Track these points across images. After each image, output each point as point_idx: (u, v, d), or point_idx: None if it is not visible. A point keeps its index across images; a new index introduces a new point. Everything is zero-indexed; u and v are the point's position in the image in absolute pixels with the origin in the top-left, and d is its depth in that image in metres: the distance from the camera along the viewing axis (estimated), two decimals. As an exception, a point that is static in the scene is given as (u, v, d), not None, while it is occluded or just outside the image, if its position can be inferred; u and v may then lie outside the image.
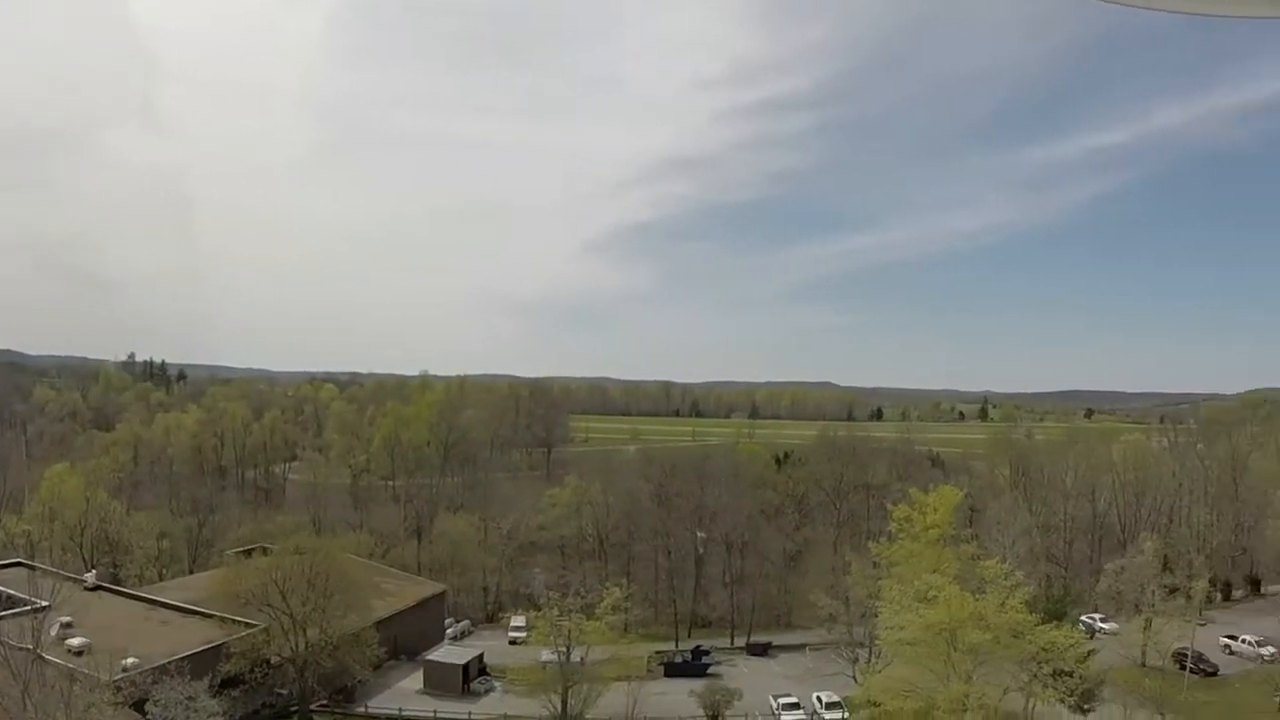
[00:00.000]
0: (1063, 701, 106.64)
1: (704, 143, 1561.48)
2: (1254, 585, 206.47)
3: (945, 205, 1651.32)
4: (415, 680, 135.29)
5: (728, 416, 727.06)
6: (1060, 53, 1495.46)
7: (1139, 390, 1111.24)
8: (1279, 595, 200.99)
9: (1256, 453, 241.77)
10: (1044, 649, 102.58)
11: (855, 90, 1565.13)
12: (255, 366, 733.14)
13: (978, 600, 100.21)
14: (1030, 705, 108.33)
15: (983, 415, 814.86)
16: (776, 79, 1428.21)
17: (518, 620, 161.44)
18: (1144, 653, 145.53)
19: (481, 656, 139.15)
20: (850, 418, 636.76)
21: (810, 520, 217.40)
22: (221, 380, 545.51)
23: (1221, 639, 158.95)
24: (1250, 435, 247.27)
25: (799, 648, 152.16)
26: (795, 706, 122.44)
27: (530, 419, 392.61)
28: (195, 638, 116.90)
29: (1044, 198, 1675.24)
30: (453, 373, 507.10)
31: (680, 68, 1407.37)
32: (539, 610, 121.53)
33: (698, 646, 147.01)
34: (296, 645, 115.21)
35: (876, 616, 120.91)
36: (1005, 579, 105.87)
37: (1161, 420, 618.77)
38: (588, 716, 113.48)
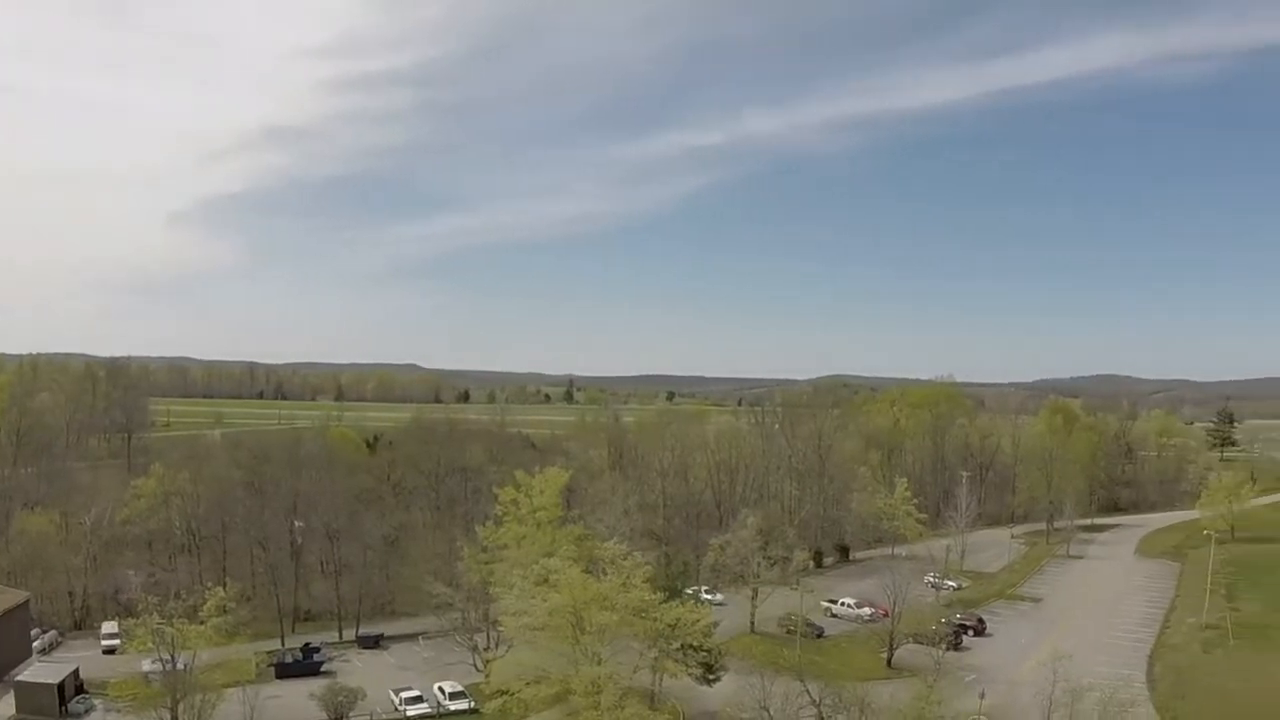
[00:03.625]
0: (690, 674, 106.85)
1: (304, 113, 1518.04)
2: (843, 552, 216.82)
3: (541, 193, 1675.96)
4: (6, 704, 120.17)
5: (314, 399, 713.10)
6: (665, 55, 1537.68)
7: (716, 375, 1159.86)
8: (866, 560, 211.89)
9: (839, 433, 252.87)
10: (670, 626, 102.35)
11: (463, 73, 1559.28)
12: None
13: (600, 581, 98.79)
14: (658, 680, 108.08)
15: (568, 398, 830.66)
16: (386, 53, 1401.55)
17: (110, 627, 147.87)
18: (753, 621, 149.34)
19: (77, 672, 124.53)
20: (438, 400, 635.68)
21: (408, 504, 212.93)
22: None
23: (822, 603, 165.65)
24: (834, 418, 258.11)
25: (412, 637, 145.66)
26: (419, 699, 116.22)
27: (108, 402, 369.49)
28: None
29: (639, 191, 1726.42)
30: (23, 352, 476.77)
31: (285, 33, 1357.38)
32: (135, 616, 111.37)
33: (308, 644, 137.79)
34: None
35: (493, 602, 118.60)
36: (624, 559, 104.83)
37: (740, 403, 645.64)
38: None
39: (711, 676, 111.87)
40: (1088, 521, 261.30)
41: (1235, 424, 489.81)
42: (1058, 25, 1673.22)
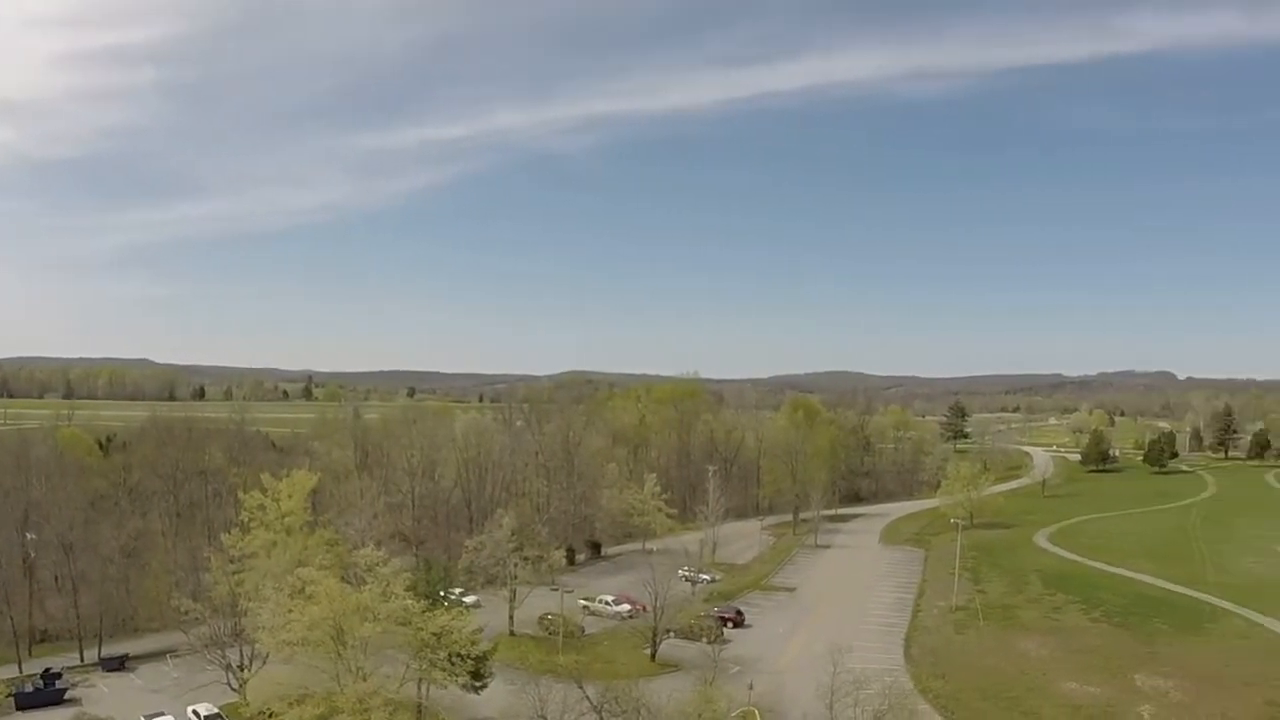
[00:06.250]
0: (459, 684, 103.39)
1: (34, 87, 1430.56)
2: (595, 549, 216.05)
3: (280, 181, 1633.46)
4: None
5: (41, 396, 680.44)
6: (416, 45, 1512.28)
7: (455, 371, 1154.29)
8: (618, 556, 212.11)
9: (586, 429, 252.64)
10: (435, 635, 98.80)
11: (205, 52, 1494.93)
12: None
13: (359, 591, 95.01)
14: (425, 691, 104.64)
15: (307, 394, 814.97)
16: (125, 28, 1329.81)
17: None
18: (512, 622, 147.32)
19: None
20: (172, 397, 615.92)
21: (145, 511, 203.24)
22: None
23: (580, 601, 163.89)
24: (580, 414, 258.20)
25: (159, 656, 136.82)
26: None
27: None
28: None
29: (381, 183, 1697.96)
30: None
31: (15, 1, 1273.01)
32: None
33: (48, 669, 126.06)
34: None
35: (244, 615, 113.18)
36: (384, 565, 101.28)
37: (481, 399, 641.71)
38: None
39: (479, 684, 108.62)
40: (832, 512, 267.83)
41: (965, 417, 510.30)
42: (808, 39, 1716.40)
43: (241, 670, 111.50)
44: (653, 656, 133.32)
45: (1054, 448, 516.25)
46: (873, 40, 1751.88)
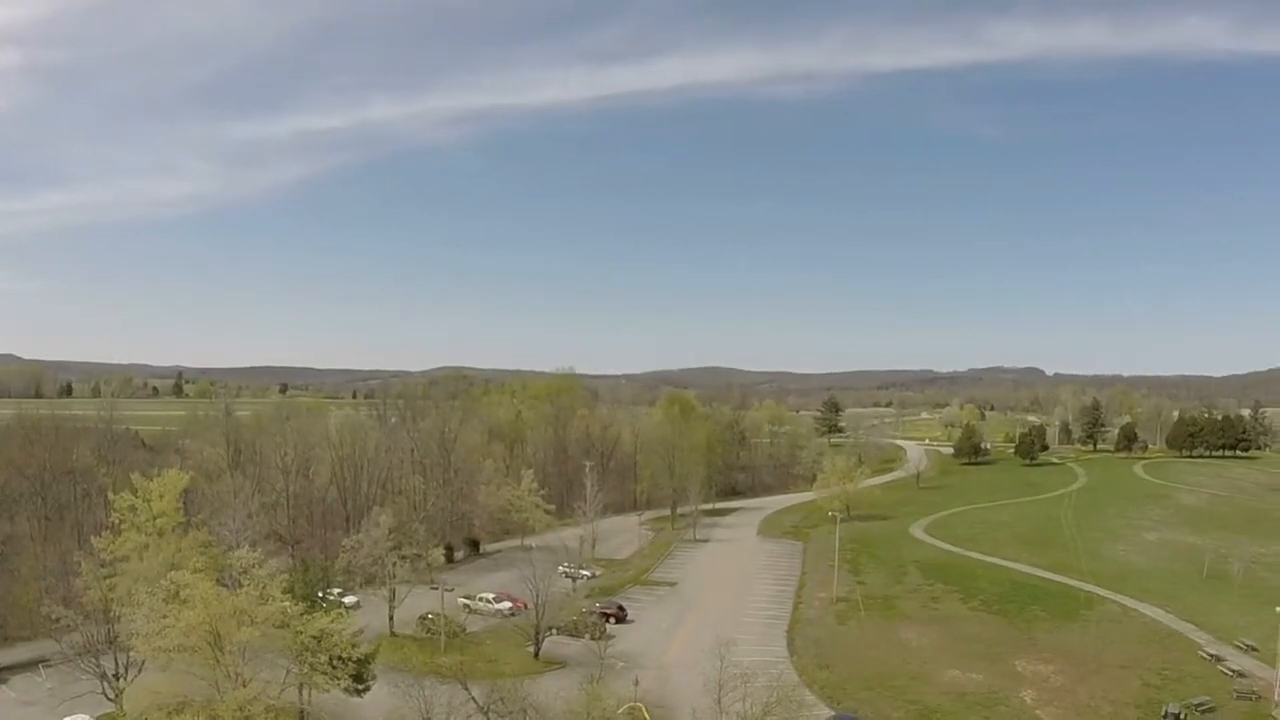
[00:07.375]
0: (338, 685, 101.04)
1: None
2: (474, 546, 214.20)
3: (150, 170, 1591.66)
4: None
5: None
6: (291, 33, 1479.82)
7: (328, 367, 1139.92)
8: (497, 553, 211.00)
9: (462, 426, 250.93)
10: (315, 637, 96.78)
11: (75, 33, 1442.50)
12: None
13: (235, 594, 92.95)
14: (307, 696, 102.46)
15: (178, 391, 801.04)
16: None
17: None
18: (392, 622, 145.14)
19: None
20: (38, 394, 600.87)
21: (12, 514, 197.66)
22: None
23: (460, 600, 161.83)
24: (455, 410, 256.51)
25: (32, 665, 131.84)
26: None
27: None
28: None
29: (254, 173, 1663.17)
30: None
31: None
32: None
33: None
34: None
35: (118, 621, 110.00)
36: (260, 567, 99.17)
37: (355, 395, 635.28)
38: None
39: (361, 687, 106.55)
40: (710, 506, 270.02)
41: (839, 412, 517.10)
42: (681, 38, 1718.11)
43: (117, 679, 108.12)
44: (536, 654, 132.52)
45: (927, 441, 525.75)
46: (744, 42, 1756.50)
